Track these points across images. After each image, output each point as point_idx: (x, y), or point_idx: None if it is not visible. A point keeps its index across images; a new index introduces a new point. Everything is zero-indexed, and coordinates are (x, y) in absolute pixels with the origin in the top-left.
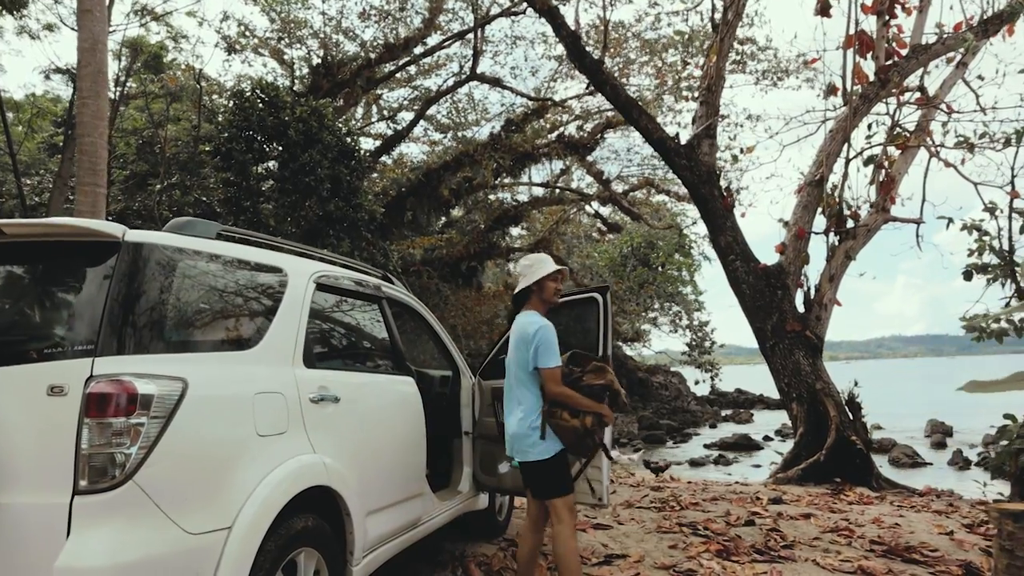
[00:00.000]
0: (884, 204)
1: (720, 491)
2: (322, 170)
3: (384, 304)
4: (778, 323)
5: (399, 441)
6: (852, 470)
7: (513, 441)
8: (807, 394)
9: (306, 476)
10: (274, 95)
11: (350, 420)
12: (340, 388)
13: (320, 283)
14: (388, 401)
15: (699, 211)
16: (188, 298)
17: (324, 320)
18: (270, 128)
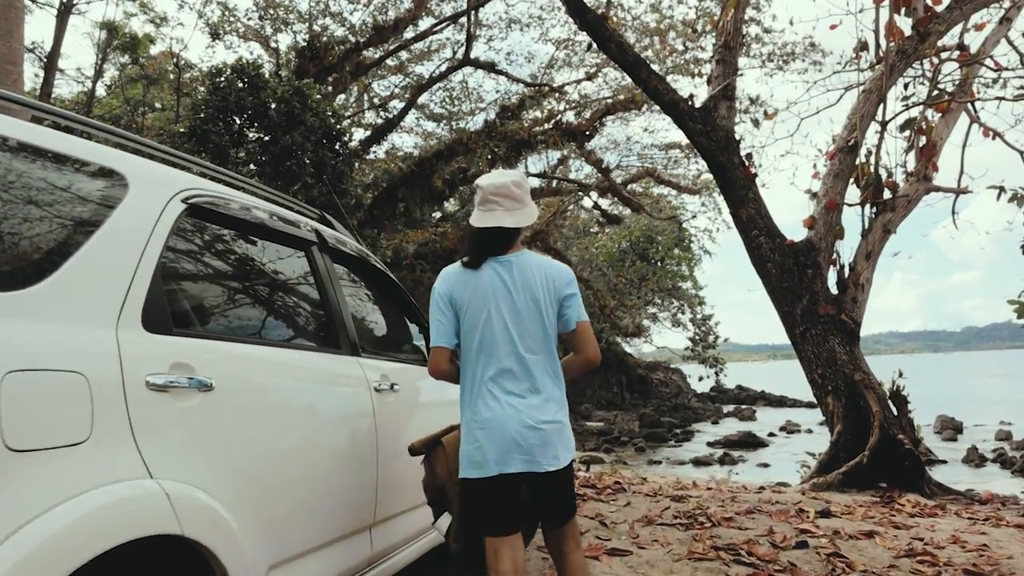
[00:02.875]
0: (926, 172)
1: (752, 500)
2: (305, 154)
3: (317, 254)
4: (809, 306)
5: (332, 452)
6: (900, 474)
7: (545, 441)
8: (844, 387)
9: (123, 522)
10: (254, 75)
11: (234, 420)
12: (215, 367)
13: (194, 206)
14: (313, 391)
15: (717, 182)
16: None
17: (200, 264)
18: (249, 109)
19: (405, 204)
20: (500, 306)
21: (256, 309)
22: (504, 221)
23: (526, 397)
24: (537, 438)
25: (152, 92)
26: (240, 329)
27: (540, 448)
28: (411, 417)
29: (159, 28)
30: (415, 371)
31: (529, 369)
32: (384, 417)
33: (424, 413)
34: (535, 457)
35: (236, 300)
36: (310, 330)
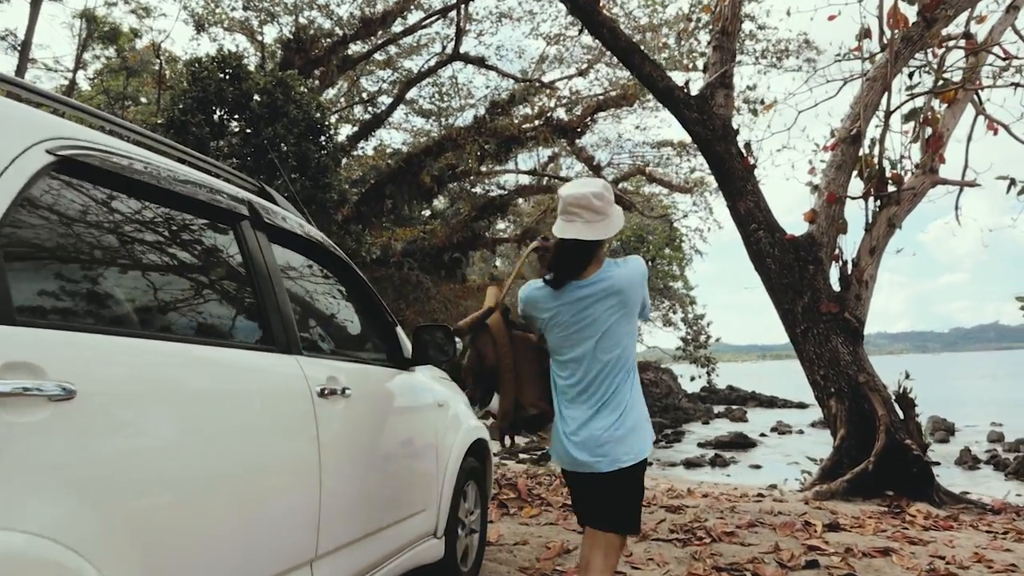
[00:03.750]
0: (932, 164)
1: (752, 510)
2: (287, 146)
3: (248, 232)
4: (810, 304)
5: (254, 473)
6: (908, 481)
7: (618, 444)
8: (848, 388)
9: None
10: (236, 66)
11: (105, 439)
12: (78, 368)
13: (67, 160)
14: (226, 398)
15: (714, 174)
16: None
17: (68, 234)
18: (230, 100)
19: (393, 201)
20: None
21: (149, 294)
22: (583, 233)
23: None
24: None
25: (135, 85)
26: (121, 320)
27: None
28: (368, 426)
29: (143, 21)
30: (378, 373)
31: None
32: (331, 427)
33: (387, 422)
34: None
35: (121, 282)
36: (230, 322)
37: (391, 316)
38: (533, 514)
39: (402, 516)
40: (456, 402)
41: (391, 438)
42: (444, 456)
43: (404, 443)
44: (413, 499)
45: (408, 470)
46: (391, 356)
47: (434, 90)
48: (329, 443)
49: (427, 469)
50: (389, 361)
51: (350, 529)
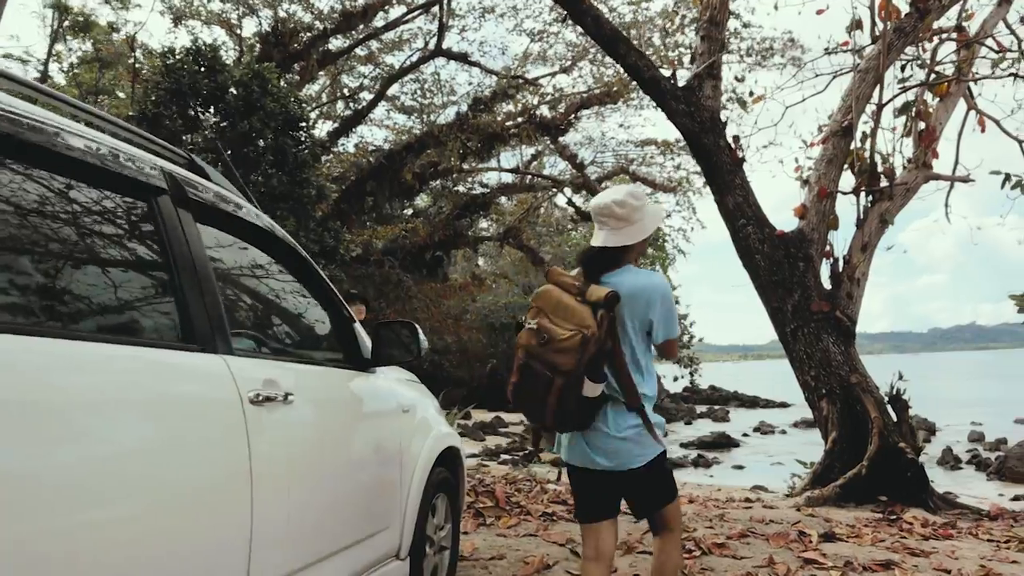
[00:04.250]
0: (925, 159)
1: (742, 518)
2: (264, 140)
3: (167, 207)
4: (801, 302)
5: (162, 497)
6: (902, 486)
7: (631, 446)
8: (840, 390)
9: None
10: (211, 57)
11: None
12: None
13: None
14: (126, 405)
15: (701, 167)
16: None
17: None
18: (205, 93)
19: (374, 198)
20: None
21: (31, 280)
22: (607, 240)
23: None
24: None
25: (109, 78)
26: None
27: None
28: (317, 437)
29: (118, 13)
30: (331, 376)
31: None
32: (267, 439)
33: (341, 431)
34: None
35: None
36: (138, 315)
37: (348, 312)
38: (511, 524)
39: (359, 537)
40: (425, 406)
41: (345, 449)
42: (409, 467)
43: (361, 454)
44: (372, 517)
45: (366, 485)
46: (348, 356)
47: (416, 87)
48: (265, 458)
49: (389, 483)
50: (346, 362)
51: (292, 557)
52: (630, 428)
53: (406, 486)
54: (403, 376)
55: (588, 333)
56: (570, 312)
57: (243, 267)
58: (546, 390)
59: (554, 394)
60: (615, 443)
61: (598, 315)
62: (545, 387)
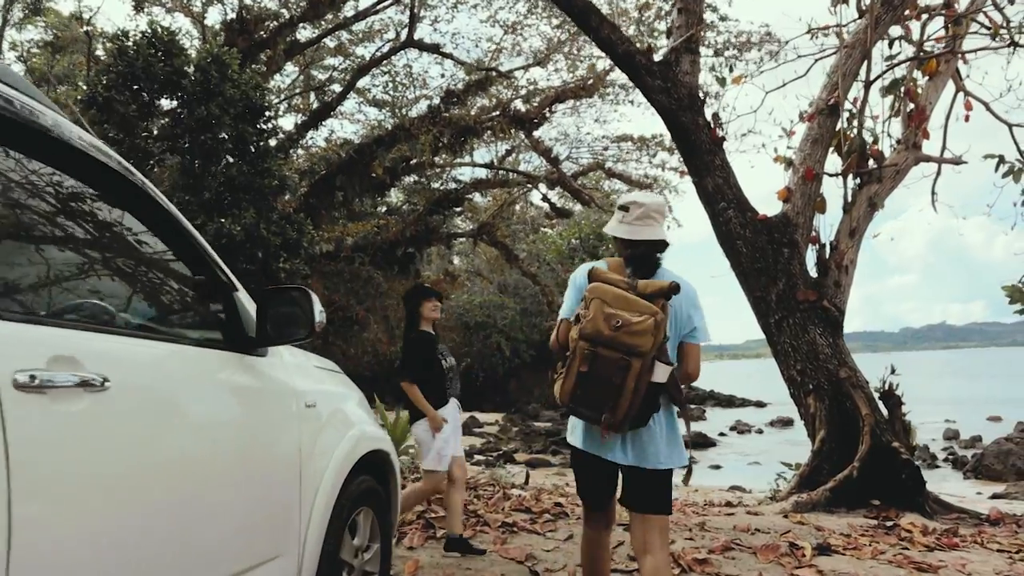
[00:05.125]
0: (915, 140)
1: (725, 527)
2: (223, 128)
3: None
4: (786, 291)
5: None
6: (896, 489)
7: (660, 446)
8: (828, 385)
9: None
10: (168, 42)
11: None
12: None
13: None
14: None
15: (678, 147)
16: None
17: None
18: (161, 78)
19: (344, 193)
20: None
21: None
22: (659, 235)
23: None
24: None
25: (64, 64)
26: None
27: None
28: (150, 438)
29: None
30: (187, 359)
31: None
32: (44, 439)
33: (198, 431)
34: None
35: None
36: None
37: (228, 276)
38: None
39: (231, 573)
40: (342, 400)
41: (201, 456)
42: (313, 477)
43: (230, 462)
44: (251, 545)
45: (239, 502)
46: (226, 334)
47: (387, 79)
48: (38, 467)
49: (279, 498)
50: (224, 341)
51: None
52: (664, 425)
53: (308, 501)
54: (314, 362)
55: (658, 318)
56: (631, 302)
57: (46, 204)
58: (623, 375)
59: (632, 378)
60: (644, 438)
61: (659, 303)
62: (622, 372)
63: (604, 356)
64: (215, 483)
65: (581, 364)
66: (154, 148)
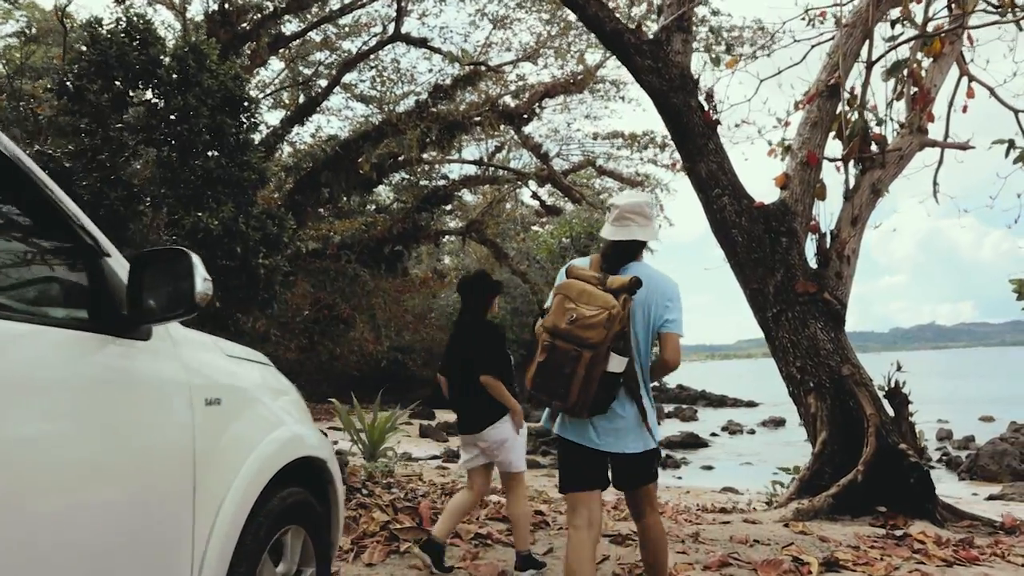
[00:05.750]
0: (920, 123)
1: (720, 537)
2: (200, 119)
3: None
4: (784, 283)
5: None
6: (904, 494)
7: (633, 432)
8: (830, 383)
9: None
10: (144, 30)
11: None
12: None
13: None
14: None
15: (670, 131)
16: None
17: None
18: (135, 67)
19: (330, 190)
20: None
21: None
22: (636, 235)
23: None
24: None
25: (41, 57)
26: None
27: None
28: None
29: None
30: (14, 337)
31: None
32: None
33: (27, 437)
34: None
35: None
36: None
37: (95, 238)
38: None
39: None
40: (262, 396)
41: (42, 470)
42: (213, 491)
43: (84, 477)
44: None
45: (98, 529)
46: (95, 311)
47: (374, 73)
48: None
49: (160, 520)
50: (90, 320)
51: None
52: (632, 414)
53: (206, 521)
54: (225, 349)
55: (613, 312)
56: (594, 297)
57: None
58: (574, 364)
59: (582, 367)
60: (618, 425)
61: (620, 298)
62: (573, 362)
63: (559, 348)
64: (62, 505)
65: (540, 354)
66: (129, 139)
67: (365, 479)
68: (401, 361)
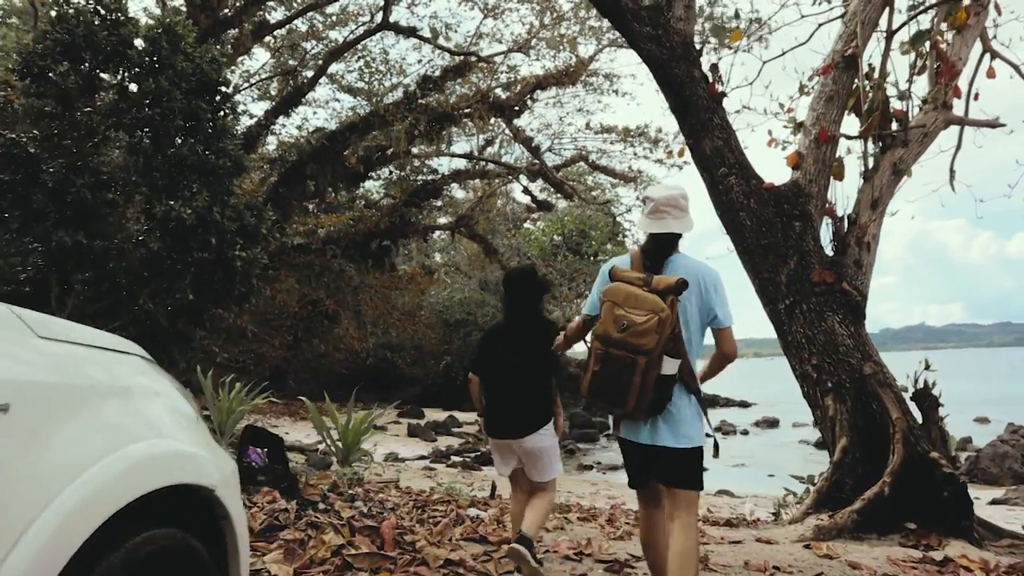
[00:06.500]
0: (946, 98)
1: (734, 563)
2: (174, 103)
3: None
4: (798, 271)
5: None
6: (937, 509)
7: (679, 428)
8: (850, 382)
9: None
10: (115, 9)
11: None
12: None
13: None
14: None
15: (671, 106)
16: None
17: None
18: (105, 48)
19: (315, 183)
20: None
21: None
22: (673, 227)
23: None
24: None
25: (13, 36)
26: None
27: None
28: None
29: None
30: None
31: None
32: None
33: None
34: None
35: None
36: None
37: None
38: None
39: None
40: (104, 397)
41: None
42: None
43: None
44: None
45: None
46: None
47: (362, 64)
48: None
49: None
50: None
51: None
52: (687, 409)
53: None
54: (42, 330)
55: (663, 316)
56: (641, 300)
57: None
58: (631, 372)
59: (638, 374)
60: (667, 419)
61: (667, 300)
62: (629, 370)
63: (614, 356)
64: None
65: (595, 363)
66: (98, 124)
67: (328, 489)
68: (390, 359)
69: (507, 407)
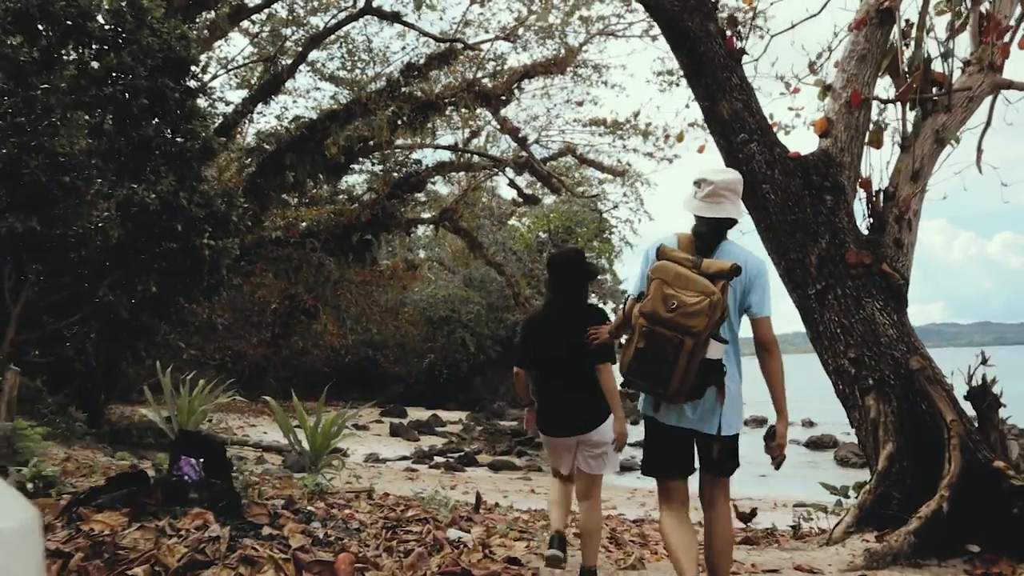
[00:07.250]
0: (993, 59)
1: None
2: (138, 80)
3: None
4: (830, 251)
5: None
6: (1005, 529)
7: (720, 414)
8: (895, 379)
9: None
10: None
11: None
12: None
13: None
14: None
15: (683, 66)
16: None
17: None
18: (63, 20)
19: (295, 173)
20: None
21: None
22: (731, 213)
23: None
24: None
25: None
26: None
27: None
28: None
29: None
30: None
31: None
32: None
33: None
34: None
35: None
36: None
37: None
38: None
39: None
40: None
41: None
42: None
43: None
44: None
45: None
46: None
47: (344, 52)
48: None
49: None
50: None
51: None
52: (727, 397)
53: None
54: None
55: (715, 299)
56: (691, 282)
57: None
58: (677, 352)
59: (684, 356)
60: (707, 407)
61: (718, 284)
62: (675, 350)
63: (660, 334)
64: None
65: (639, 340)
66: (55, 103)
67: (283, 506)
68: (372, 357)
69: (565, 403)
